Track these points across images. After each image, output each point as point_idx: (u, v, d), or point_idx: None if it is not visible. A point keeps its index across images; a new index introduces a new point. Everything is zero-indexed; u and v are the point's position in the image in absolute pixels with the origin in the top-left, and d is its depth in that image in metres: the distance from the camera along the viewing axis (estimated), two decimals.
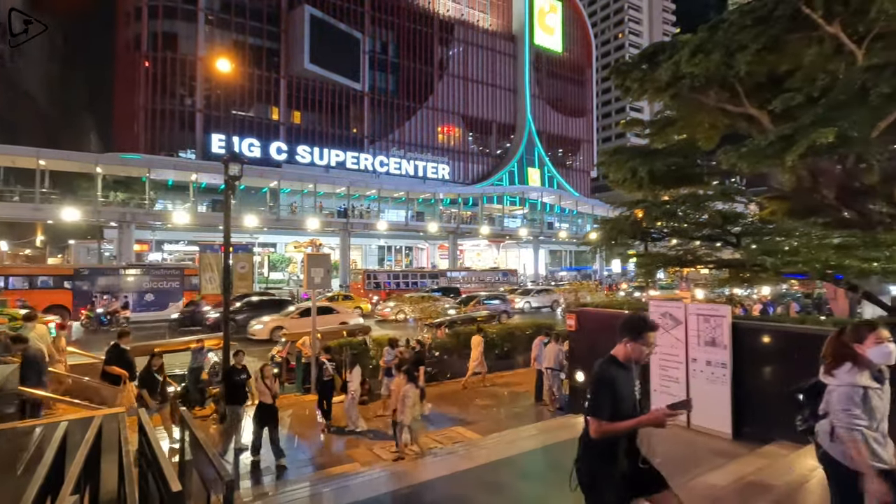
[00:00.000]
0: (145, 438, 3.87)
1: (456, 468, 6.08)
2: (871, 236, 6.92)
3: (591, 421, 2.74)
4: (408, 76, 55.89)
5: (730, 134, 10.25)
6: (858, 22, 6.90)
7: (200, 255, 11.58)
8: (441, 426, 9.23)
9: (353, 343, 12.19)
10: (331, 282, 11.15)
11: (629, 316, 3.12)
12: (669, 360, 7.29)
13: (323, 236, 41.75)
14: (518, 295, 30.02)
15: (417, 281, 33.70)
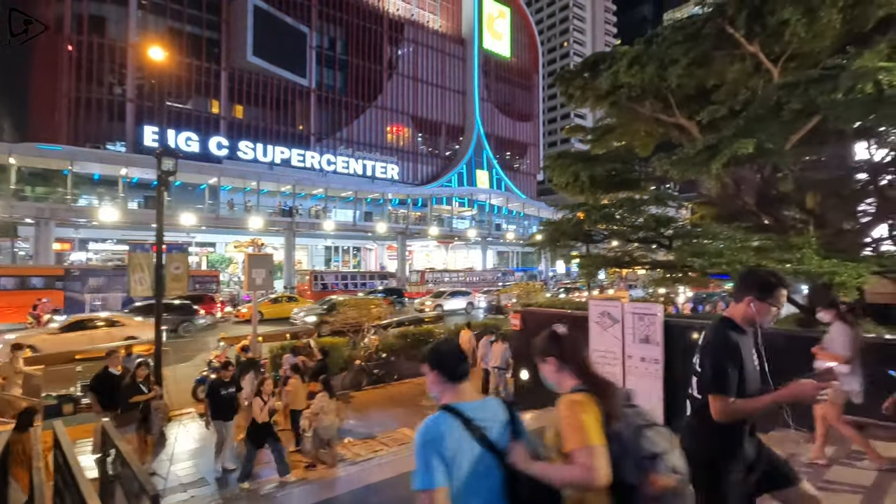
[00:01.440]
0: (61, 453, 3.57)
1: (400, 470, 6.05)
2: (785, 240, 7.56)
3: (713, 400, 2.12)
4: (356, 74, 55.00)
5: (664, 142, 10.86)
6: (774, 43, 7.52)
7: (130, 255, 10.85)
8: (388, 428, 9.15)
9: (297, 347, 11.85)
10: (273, 283, 10.77)
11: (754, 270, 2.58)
12: (607, 356, 7.61)
13: (266, 236, 40.26)
14: (431, 297, 29.10)
15: (367, 282, 33.40)
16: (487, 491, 1.64)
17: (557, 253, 12.16)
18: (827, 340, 4.72)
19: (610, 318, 7.63)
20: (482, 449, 1.66)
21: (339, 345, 12.36)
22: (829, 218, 9.20)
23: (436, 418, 1.70)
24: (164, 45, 10.79)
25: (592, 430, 1.68)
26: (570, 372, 1.93)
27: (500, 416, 1.80)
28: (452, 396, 1.79)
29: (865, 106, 5.96)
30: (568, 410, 1.77)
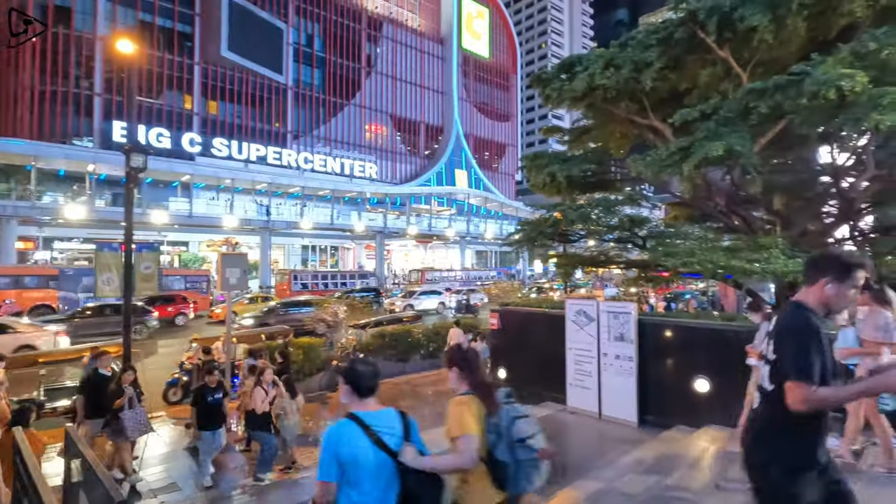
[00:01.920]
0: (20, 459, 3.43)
1: None
2: (754, 240, 7.78)
3: (793, 387, 1.89)
4: (334, 71, 54.41)
5: (639, 143, 11.07)
6: (744, 48, 7.74)
7: (97, 254, 10.49)
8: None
9: (273, 347, 11.66)
10: (247, 283, 10.56)
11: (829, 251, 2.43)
12: (583, 355, 7.72)
13: (241, 235, 39.56)
14: (401, 297, 28.47)
15: (346, 281, 33.31)
16: (384, 481, 2.09)
17: (535, 252, 12.27)
18: (756, 339, 5.04)
19: (586, 317, 7.74)
20: (377, 449, 2.09)
21: (315, 345, 12.22)
22: (794, 219, 9.51)
23: (339, 425, 2.13)
24: (134, 38, 10.46)
25: (471, 423, 2.26)
26: (466, 380, 2.50)
27: (396, 423, 2.23)
28: (358, 407, 2.21)
29: (828, 111, 6.18)
30: (455, 409, 2.36)
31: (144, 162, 8.54)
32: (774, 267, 6.43)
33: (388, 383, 12.53)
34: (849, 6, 6.61)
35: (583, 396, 7.73)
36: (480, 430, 2.29)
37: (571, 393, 7.94)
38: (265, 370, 7.02)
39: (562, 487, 5.22)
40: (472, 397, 2.40)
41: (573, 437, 7.19)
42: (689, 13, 7.57)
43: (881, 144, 7.66)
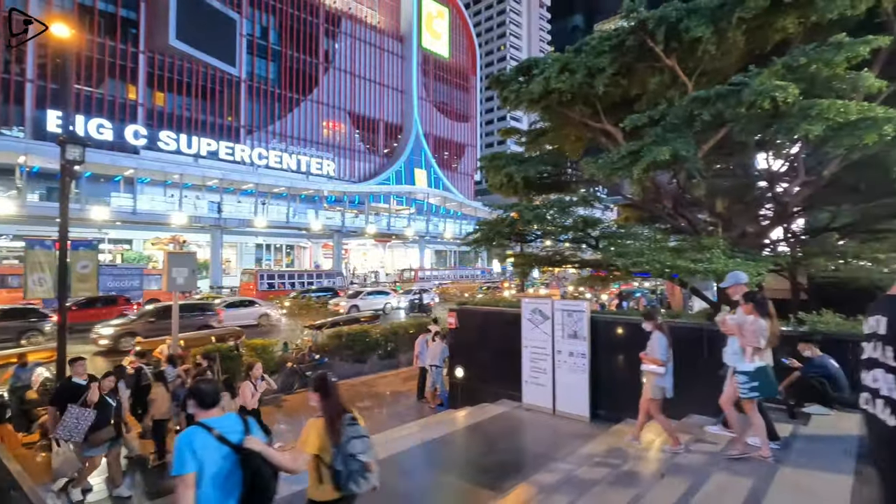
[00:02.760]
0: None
1: None
2: (697, 241, 8.18)
3: None
4: (290, 66, 53.00)
5: (593, 146, 11.40)
6: (689, 58, 8.12)
7: (27, 252, 9.72)
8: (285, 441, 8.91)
9: (224, 350, 11.24)
10: (196, 283, 10.13)
11: None
12: (538, 352, 7.87)
13: (191, 233, 37.92)
14: (347, 297, 26.98)
15: (313, 281, 33.18)
16: (228, 470, 2.63)
17: (493, 252, 12.41)
18: (649, 346, 5.35)
19: (541, 315, 7.90)
20: (221, 445, 2.63)
21: (269, 346, 11.87)
22: (734, 221, 10.08)
23: (189, 430, 2.67)
24: (71, 22, 9.79)
25: (312, 442, 3.04)
26: (321, 405, 3.19)
27: (237, 424, 2.78)
28: (203, 416, 2.74)
29: (764, 120, 6.60)
30: (306, 428, 3.12)
31: (81, 154, 8.01)
32: (716, 266, 6.78)
33: (345, 385, 12.33)
34: (782, 22, 7.06)
35: (538, 393, 7.89)
36: (321, 446, 3.04)
37: (527, 390, 8.08)
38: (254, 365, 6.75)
39: (517, 482, 5.31)
40: (322, 420, 3.12)
41: (528, 434, 7.33)
42: (640, 22, 7.87)
43: (811, 152, 8.23)
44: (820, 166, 8.13)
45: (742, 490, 3.70)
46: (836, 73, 6.32)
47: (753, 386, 4.38)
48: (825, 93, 6.44)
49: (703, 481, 4.05)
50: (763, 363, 4.42)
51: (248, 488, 2.63)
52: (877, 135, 5.61)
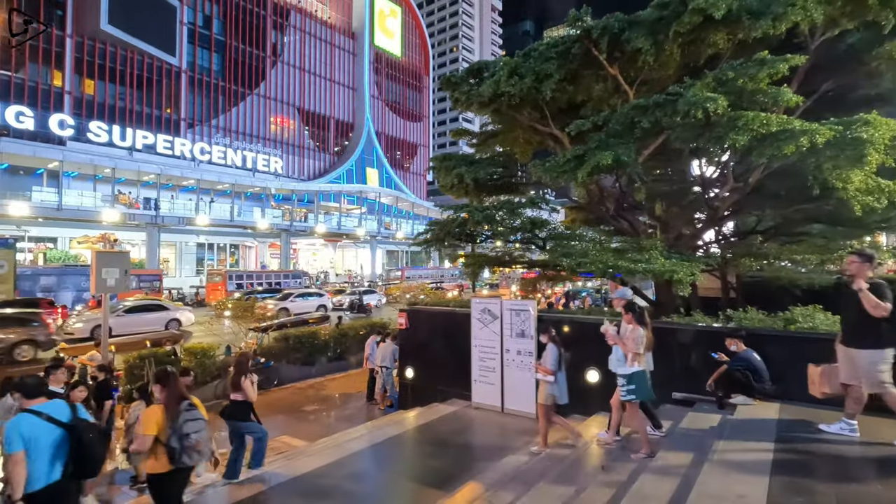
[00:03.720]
0: None
1: (276, 481, 5.72)
2: (637, 242, 8.57)
3: None
4: (235, 57, 50.83)
5: (541, 149, 11.69)
6: (631, 68, 8.50)
7: None
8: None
9: (160, 354, 10.64)
10: (128, 284, 9.53)
11: None
12: (487, 351, 7.98)
13: (124, 231, 35.63)
14: (276, 300, 25.42)
15: (280, 281, 33.58)
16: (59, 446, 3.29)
17: (444, 252, 12.47)
18: (543, 357, 5.90)
19: (490, 315, 8.01)
20: (51, 425, 3.28)
21: (210, 350, 11.35)
22: (672, 224, 10.65)
23: (17, 416, 3.31)
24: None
25: (150, 426, 3.74)
26: (162, 394, 3.90)
27: (64, 408, 3.43)
28: (29, 404, 3.37)
29: (697, 129, 7.02)
30: (146, 413, 3.85)
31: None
32: (654, 267, 7.14)
33: (292, 388, 12.02)
34: (713, 38, 7.53)
35: (487, 392, 7.99)
36: (159, 428, 3.73)
37: (476, 389, 8.17)
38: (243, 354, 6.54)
39: (466, 481, 5.36)
40: (161, 406, 3.83)
41: (478, 432, 7.41)
42: (585, 31, 8.15)
43: (739, 161, 8.83)
44: (747, 174, 8.74)
45: (678, 474, 3.91)
46: (759, 88, 6.81)
47: (631, 389, 4.92)
48: (750, 105, 6.92)
49: (642, 470, 4.25)
50: (641, 368, 4.97)
51: (75, 457, 3.32)
52: (794, 146, 6.09)
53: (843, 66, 8.05)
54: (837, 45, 7.95)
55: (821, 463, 3.86)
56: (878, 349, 3.99)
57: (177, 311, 20.20)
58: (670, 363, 6.76)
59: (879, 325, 3.94)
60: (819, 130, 6.07)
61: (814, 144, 6.07)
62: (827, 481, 3.49)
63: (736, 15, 7.10)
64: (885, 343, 3.99)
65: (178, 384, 3.95)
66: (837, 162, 6.15)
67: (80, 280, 24.18)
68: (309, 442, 7.98)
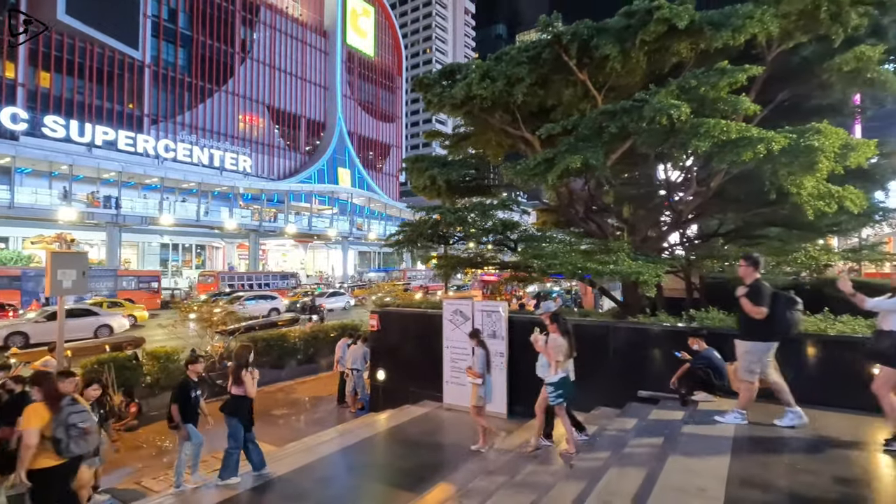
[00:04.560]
0: None
1: (244, 487, 5.60)
2: (605, 244, 8.77)
3: None
4: (202, 53, 49.41)
5: (513, 152, 11.82)
6: (599, 74, 8.69)
7: None
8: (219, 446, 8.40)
9: (121, 359, 10.25)
10: (87, 286, 9.14)
11: None
12: (459, 352, 8.01)
13: (82, 230, 34.13)
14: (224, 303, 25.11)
15: (270, 282, 34.82)
16: None
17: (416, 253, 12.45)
18: (471, 360, 6.33)
19: (462, 316, 8.05)
20: None
21: (174, 354, 11.00)
22: (638, 226, 10.94)
23: None
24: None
25: (32, 421, 3.98)
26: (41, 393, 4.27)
27: None
28: None
29: (662, 135, 7.23)
30: (25, 411, 4.08)
31: None
32: (621, 268, 7.31)
33: (260, 392, 11.70)
34: (677, 47, 7.78)
35: (458, 393, 8.02)
36: (42, 423, 3.99)
37: (448, 390, 8.19)
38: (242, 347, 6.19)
39: (437, 482, 5.37)
40: (41, 403, 4.15)
41: (449, 433, 7.43)
42: (555, 36, 8.29)
43: (702, 166, 9.16)
44: (709, 178, 9.06)
45: (642, 469, 4.02)
46: (720, 96, 7.08)
47: (559, 394, 5.26)
48: (712, 113, 7.19)
49: (608, 468, 4.35)
50: (565, 374, 5.33)
51: None
52: (752, 152, 6.36)
53: (798, 77, 8.45)
54: (792, 58, 8.33)
55: (775, 455, 4.04)
56: (752, 341, 4.59)
57: (108, 317, 18.79)
58: (637, 362, 6.95)
59: (756, 320, 4.48)
60: (775, 138, 6.35)
61: (770, 151, 6.35)
62: (780, 472, 3.66)
63: (698, 26, 7.36)
64: (759, 336, 4.55)
65: (53, 383, 4.33)
66: (791, 168, 6.45)
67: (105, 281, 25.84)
68: (278, 447, 7.83)
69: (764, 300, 4.45)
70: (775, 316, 4.45)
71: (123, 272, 29.02)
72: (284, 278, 36.90)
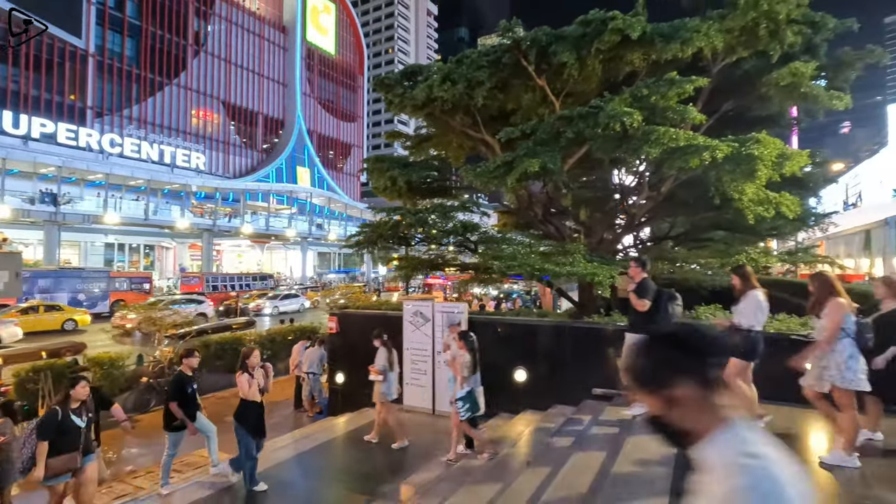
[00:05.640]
0: None
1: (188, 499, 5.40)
2: (563, 246, 8.99)
3: None
4: (152, 44, 47.11)
5: (474, 154, 11.93)
6: (557, 80, 8.92)
7: None
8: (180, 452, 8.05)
9: (59, 366, 9.63)
10: (20, 287, 8.57)
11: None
12: (419, 354, 8.01)
13: (17, 228, 31.88)
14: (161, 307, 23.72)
15: (251, 283, 35.62)
16: None
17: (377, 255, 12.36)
18: (376, 359, 6.76)
19: (422, 317, 8.05)
20: None
21: (118, 360, 10.45)
22: (594, 229, 11.27)
23: None
24: None
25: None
26: None
27: None
28: None
29: (616, 141, 7.50)
30: None
31: None
32: (577, 269, 7.52)
33: (213, 398, 11.36)
34: (630, 56, 8.10)
35: (418, 394, 8.01)
36: None
37: (407, 392, 8.17)
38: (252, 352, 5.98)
39: (396, 484, 5.35)
40: None
41: (408, 435, 7.40)
42: (515, 41, 8.45)
43: (653, 171, 9.54)
44: (660, 183, 9.46)
45: (595, 466, 4.15)
46: (669, 105, 7.41)
47: (468, 408, 5.55)
48: (662, 121, 7.51)
49: (563, 462, 4.47)
50: (470, 388, 5.64)
51: None
52: (699, 159, 6.70)
53: (740, 89, 8.97)
54: (735, 71, 8.83)
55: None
56: (633, 334, 5.03)
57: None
58: (591, 361, 7.15)
59: (641, 315, 5.01)
60: (719, 146, 6.71)
61: (715, 159, 6.71)
62: None
63: (650, 37, 7.68)
64: (640, 329, 4.94)
65: None
66: (734, 175, 6.83)
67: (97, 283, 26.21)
68: (232, 454, 7.57)
69: (648, 295, 4.95)
70: (658, 310, 4.94)
71: (116, 274, 30.32)
72: (263, 279, 37.82)
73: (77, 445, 4.76)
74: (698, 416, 1.04)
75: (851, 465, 3.62)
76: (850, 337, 3.69)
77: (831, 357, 3.70)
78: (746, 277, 4.45)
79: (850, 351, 3.66)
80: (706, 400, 1.04)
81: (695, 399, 1.04)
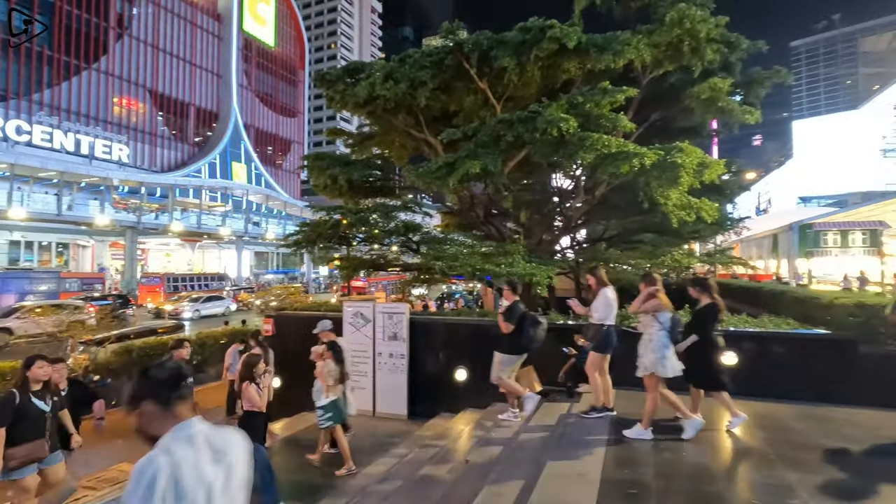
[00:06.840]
0: None
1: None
2: (503, 247, 9.19)
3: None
4: (68, 24, 43.12)
5: (417, 155, 11.92)
6: (498, 84, 9.10)
7: None
8: (98, 466, 7.42)
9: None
10: None
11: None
12: (360, 356, 7.88)
13: None
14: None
15: (209, 283, 36.34)
16: None
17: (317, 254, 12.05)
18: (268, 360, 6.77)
19: (363, 319, 7.93)
20: None
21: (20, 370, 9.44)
22: (534, 230, 11.62)
23: None
24: None
25: None
26: None
27: None
28: None
29: (553, 146, 7.77)
30: None
31: None
32: (516, 270, 7.71)
33: None
34: (567, 65, 8.42)
35: (358, 396, 7.86)
36: None
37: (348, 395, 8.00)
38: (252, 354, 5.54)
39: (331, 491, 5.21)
40: None
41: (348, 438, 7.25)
42: (457, 44, 8.53)
43: (588, 175, 9.97)
44: (595, 187, 9.90)
45: (531, 459, 4.26)
46: (602, 113, 7.79)
47: (329, 416, 5.65)
48: (596, 128, 7.87)
49: (499, 460, 4.55)
50: (335, 397, 5.79)
51: None
52: (629, 166, 7.08)
53: (667, 100, 9.57)
54: (662, 83, 9.42)
55: (643, 440, 4.52)
56: (503, 353, 5.52)
57: None
58: (530, 358, 7.34)
59: (506, 336, 5.46)
60: (647, 154, 7.13)
61: (643, 165, 7.11)
62: (646, 453, 4.10)
63: (585, 47, 8.02)
64: (508, 350, 5.51)
65: None
66: (660, 181, 7.27)
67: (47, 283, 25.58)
68: None
69: (513, 319, 5.37)
70: (522, 333, 5.38)
71: (67, 274, 29.53)
72: (220, 279, 38.63)
73: (42, 432, 4.24)
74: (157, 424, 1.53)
75: (647, 438, 4.34)
76: (664, 330, 4.34)
77: (648, 347, 4.37)
78: (600, 277, 5.07)
79: (663, 342, 4.30)
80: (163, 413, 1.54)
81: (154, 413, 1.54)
